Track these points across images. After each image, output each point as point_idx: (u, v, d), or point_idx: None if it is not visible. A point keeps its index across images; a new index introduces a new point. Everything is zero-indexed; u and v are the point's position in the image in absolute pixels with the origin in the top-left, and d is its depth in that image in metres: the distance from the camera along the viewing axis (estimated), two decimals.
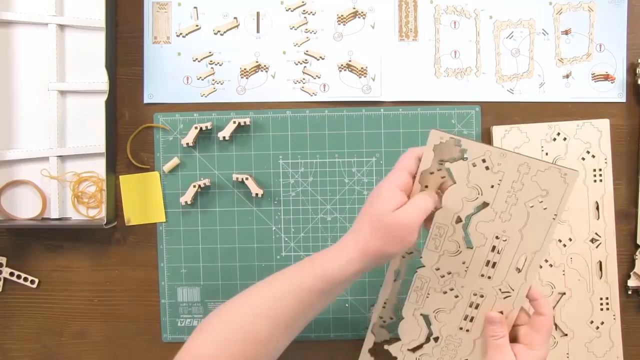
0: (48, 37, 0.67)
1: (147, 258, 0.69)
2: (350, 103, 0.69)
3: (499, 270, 0.53)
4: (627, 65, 0.69)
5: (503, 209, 0.52)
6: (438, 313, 0.56)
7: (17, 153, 0.68)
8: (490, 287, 0.54)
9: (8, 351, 0.70)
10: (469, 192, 0.52)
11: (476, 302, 0.54)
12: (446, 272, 0.54)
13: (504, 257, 0.53)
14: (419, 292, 0.55)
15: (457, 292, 0.55)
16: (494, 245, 0.53)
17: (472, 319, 0.55)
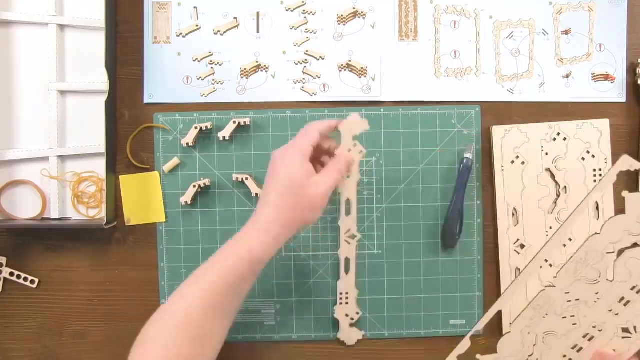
0: (48, 37, 0.67)
1: (147, 258, 0.69)
2: (350, 103, 0.69)
3: (630, 310, 0.52)
4: (627, 65, 0.69)
5: None
6: (548, 336, 0.54)
7: (17, 153, 0.68)
8: (614, 324, 0.52)
9: (8, 351, 0.70)
10: (635, 227, 0.50)
11: (592, 335, 0.53)
12: (574, 299, 0.53)
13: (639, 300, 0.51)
14: (538, 310, 0.54)
15: (577, 320, 0.53)
16: (635, 285, 0.51)
17: (581, 349, 0.54)
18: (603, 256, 0.51)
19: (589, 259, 0.52)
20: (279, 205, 0.52)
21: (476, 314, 0.69)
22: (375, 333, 0.69)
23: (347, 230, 0.66)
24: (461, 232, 0.68)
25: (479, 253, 0.69)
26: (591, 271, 0.52)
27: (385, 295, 0.69)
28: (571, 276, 0.53)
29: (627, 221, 0.51)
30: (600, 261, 0.52)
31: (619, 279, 0.52)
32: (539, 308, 0.54)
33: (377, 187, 0.68)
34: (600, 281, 0.52)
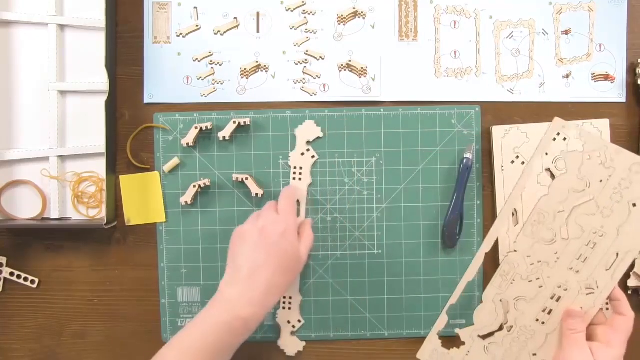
0: (48, 37, 0.67)
1: (147, 258, 0.69)
2: (350, 103, 0.69)
3: (588, 266, 0.54)
4: (627, 65, 0.69)
5: (606, 205, 0.53)
6: (518, 301, 0.56)
7: (17, 153, 0.68)
8: (576, 281, 0.54)
9: (8, 351, 0.70)
10: (578, 183, 0.53)
11: (558, 295, 0.55)
12: (536, 261, 0.55)
13: (596, 253, 0.54)
14: (505, 277, 0.56)
15: (542, 282, 0.55)
16: (589, 240, 0.54)
17: (551, 312, 0.56)
18: (555, 216, 0.54)
19: (543, 220, 0.54)
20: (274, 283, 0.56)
21: None
22: (376, 333, 0.69)
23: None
24: (461, 232, 0.68)
25: None
26: (547, 232, 0.54)
27: (385, 295, 0.69)
28: (529, 239, 0.55)
29: (570, 179, 0.53)
30: (553, 221, 0.54)
31: (573, 236, 0.54)
32: (505, 274, 0.57)
33: (377, 187, 0.68)
34: (557, 240, 0.54)
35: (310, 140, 0.68)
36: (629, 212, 0.52)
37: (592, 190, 0.53)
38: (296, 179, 0.68)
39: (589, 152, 0.53)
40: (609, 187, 0.53)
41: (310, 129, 0.68)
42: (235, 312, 0.54)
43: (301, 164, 0.68)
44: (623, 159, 0.52)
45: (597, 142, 0.52)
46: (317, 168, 0.69)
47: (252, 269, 0.56)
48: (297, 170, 0.68)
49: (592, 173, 0.53)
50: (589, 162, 0.53)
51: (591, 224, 0.53)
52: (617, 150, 0.52)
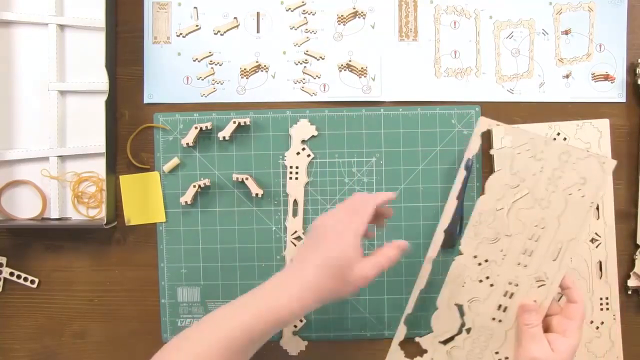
0: (48, 37, 0.67)
1: (147, 258, 0.69)
2: (350, 103, 0.69)
3: (535, 259, 0.54)
4: (627, 65, 0.69)
5: (543, 197, 0.53)
6: (472, 302, 0.56)
7: (17, 153, 0.68)
8: (526, 275, 0.55)
9: (8, 351, 0.70)
10: (511, 179, 0.53)
11: (511, 292, 0.55)
12: (484, 260, 0.55)
13: (540, 245, 0.54)
14: (456, 281, 0.56)
15: (493, 281, 0.55)
16: (532, 233, 0.54)
17: (506, 309, 0.56)
18: (495, 214, 0.54)
19: (483, 220, 0.55)
20: (319, 281, 0.51)
21: None
22: (376, 333, 0.69)
23: (294, 232, 0.67)
24: (461, 232, 0.68)
25: None
26: (489, 231, 0.55)
27: (385, 295, 0.69)
28: (473, 240, 0.56)
29: (503, 176, 0.53)
30: (494, 220, 0.54)
31: (516, 232, 0.54)
32: (455, 278, 0.57)
33: (377, 187, 0.68)
34: (500, 238, 0.55)
35: (305, 139, 0.68)
36: (566, 201, 0.53)
37: (527, 184, 0.53)
38: (292, 178, 0.68)
39: (518, 146, 0.53)
40: (542, 178, 0.53)
41: (304, 128, 0.68)
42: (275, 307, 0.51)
43: (297, 163, 0.68)
44: (552, 149, 0.52)
45: (524, 135, 0.52)
46: (317, 168, 0.69)
47: (301, 259, 0.53)
48: (293, 170, 0.68)
49: (524, 167, 0.53)
50: (519, 157, 0.53)
51: (531, 217, 0.54)
52: (545, 141, 0.52)
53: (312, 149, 0.68)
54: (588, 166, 0.52)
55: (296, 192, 0.68)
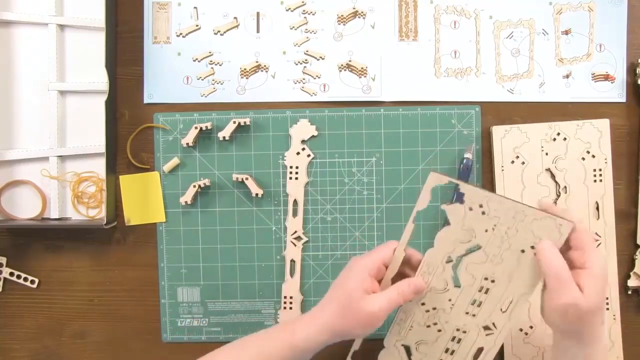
0: (48, 37, 0.67)
1: (147, 258, 0.69)
2: (350, 103, 0.69)
3: (484, 310, 0.54)
4: (627, 65, 0.69)
5: (495, 253, 0.52)
6: (420, 345, 0.56)
7: (17, 153, 0.68)
8: (474, 324, 0.54)
9: (8, 351, 0.70)
10: (463, 234, 0.52)
11: (458, 337, 0.55)
12: (431, 308, 0.55)
13: (490, 298, 0.53)
14: (402, 324, 0.56)
15: (441, 327, 0.55)
16: (482, 286, 0.53)
17: (453, 352, 0.56)
18: (444, 266, 0.53)
19: (432, 271, 0.54)
20: (331, 314, 0.53)
21: None
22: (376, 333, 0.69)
23: (294, 231, 0.67)
24: None
25: None
26: (438, 281, 0.54)
27: None
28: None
29: (454, 231, 0.52)
30: (443, 271, 0.54)
31: (465, 284, 0.53)
32: (402, 322, 0.56)
33: (377, 187, 0.68)
34: (449, 289, 0.54)
35: (305, 139, 0.68)
36: (519, 259, 0.51)
37: (479, 239, 0.52)
38: (292, 178, 0.68)
39: (470, 204, 0.51)
40: (495, 236, 0.51)
41: (304, 128, 0.68)
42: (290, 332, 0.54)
43: (297, 163, 0.68)
44: (506, 209, 0.50)
45: (478, 194, 0.51)
46: (317, 168, 0.69)
47: (327, 292, 0.55)
48: (293, 170, 0.68)
49: (476, 223, 0.52)
50: (471, 213, 0.51)
51: (482, 271, 0.53)
52: (499, 200, 0.51)
53: (312, 149, 0.68)
54: (544, 227, 0.50)
55: (296, 192, 0.68)
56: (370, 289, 0.52)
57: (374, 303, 0.52)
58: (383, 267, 0.54)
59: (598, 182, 0.67)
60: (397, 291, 0.53)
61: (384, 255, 0.54)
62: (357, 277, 0.52)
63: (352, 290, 0.52)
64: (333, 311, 0.53)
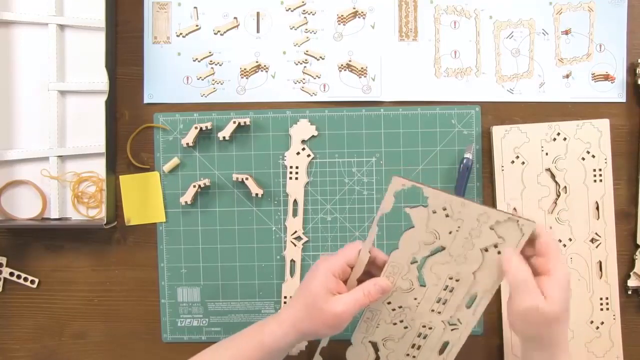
0: (48, 37, 0.67)
1: (147, 258, 0.69)
2: (350, 103, 0.69)
3: (449, 307, 0.55)
4: (627, 65, 0.69)
5: (459, 253, 0.53)
6: (386, 341, 0.57)
7: (17, 153, 0.68)
8: (440, 320, 0.55)
9: (8, 351, 0.70)
10: (427, 236, 0.53)
11: (424, 333, 0.56)
12: (397, 306, 0.56)
13: (455, 296, 0.54)
14: (369, 322, 0.57)
15: (407, 324, 0.56)
16: (446, 285, 0.54)
17: (419, 347, 0.57)
18: (409, 267, 0.54)
19: (397, 272, 0.54)
20: (297, 315, 0.53)
21: None
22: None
23: (294, 231, 0.67)
24: None
25: None
26: (403, 281, 0.55)
27: None
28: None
29: (418, 233, 0.53)
30: (408, 272, 0.54)
31: (430, 283, 0.54)
32: (369, 320, 0.57)
33: (377, 187, 0.68)
34: (415, 288, 0.55)
35: (305, 139, 0.68)
36: (483, 257, 0.52)
37: (443, 241, 0.53)
38: (292, 178, 0.68)
39: (434, 207, 0.52)
40: (459, 237, 0.52)
41: (304, 128, 0.68)
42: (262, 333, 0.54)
43: (297, 163, 0.68)
44: (469, 211, 0.51)
45: (441, 197, 0.51)
46: (317, 168, 0.69)
47: (291, 300, 0.55)
48: (292, 170, 0.68)
49: (440, 226, 0.52)
50: (435, 216, 0.52)
51: (446, 271, 0.53)
52: (462, 203, 0.51)
53: (312, 149, 0.68)
54: (507, 227, 0.51)
55: (296, 192, 0.68)
56: (335, 289, 0.52)
57: (339, 304, 0.51)
58: (348, 268, 0.54)
59: (598, 182, 0.67)
60: (363, 292, 0.53)
61: (349, 256, 0.54)
62: (322, 278, 0.52)
63: (317, 291, 0.52)
64: (299, 312, 0.53)
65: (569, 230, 0.67)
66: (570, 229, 0.67)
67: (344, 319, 0.52)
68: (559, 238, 0.67)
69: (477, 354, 0.69)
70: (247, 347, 0.54)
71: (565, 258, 0.53)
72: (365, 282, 0.54)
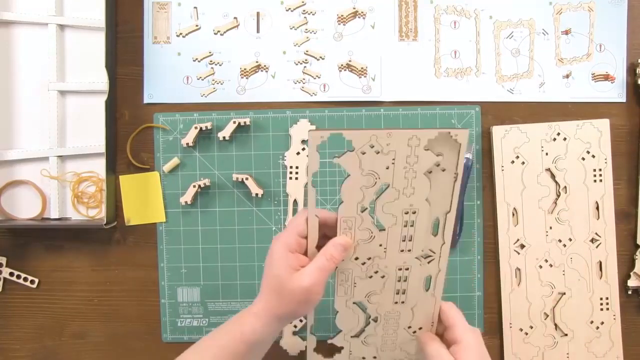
0: (48, 37, 0.67)
1: (147, 258, 0.69)
2: (350, 103, 0.69)
3: (417, 242, 0.53)
4: (627, 65, 0.69)
5: (404, 185, 0.50)
6: (370, 296, 0.55)
7: (17, 153, 0.68)
8: (413, 257, 0.53)
9: (8, 351, 0.70)
10: (366, 180, 0.50)
11: (404, 276, 0.54)
12: (366, 259, 0.53)
13: (418, 228, 0.52)
14: (345, 284, 0.55)
15: (383, 273, 0.54)
16: (405, 221, 0.52)
17: (404, 291, 0.55)
18: (361, 217, 0.52)
19: (350, 225, 0.52)
20: (270, 303, 0.52)
21: (476, 314, 0.69)
22: None
23: None
24: (461, 232, 0.68)
25: (479, 253, 0.69)
26: (361, 232, 0.52)
27: None
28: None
29: (356, 180, 0.50)
30: (362, 221, 0.52)
31: (388, 225, 0.52)
32: (344, 282, 0.54)
33: None
34: (375, 235, 0.52)
35: (305, 139, 0.68)
36: (429, 181, 0.50)
37: (384, 179, 0.50)
38: (292, 178, 0.68)
39: (360, 147, 0.49)
40: (398, 169, 0.49)
41: (305, 128, 0.68)
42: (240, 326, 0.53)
43: (297, 163, 0.68)
44: (397, 139, 0.48)
45: (364, 135, 0.48)
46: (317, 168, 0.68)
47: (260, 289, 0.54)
48: (292, 170, 0.68)
49: (375, 164, 0.49)
50: (365, 157, 0.49)
51: (399, 207, 0.51)
52: (386, 133, 0.48)
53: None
54: (441, 143, 0.48)
55: (296, 192, 0.68)
56: (296, 264, 0.51)
57: (305, 277, 0.50)
58: (303, 240, 0.52)
59: (598, 182, 0.67)
60: (325, 256, 0.51)
61: (299, 227, 0.52)
62: (280, 258, 0.51)
63: (279, 272, 0.50)
64: (271, 299, 0.51)
65: (569, 230, 0.67)
66: (570, 229, 0.67)
67: (314, 291, 0.50)
68: (559, 238, 0.67)
69: None
70: (230, 345, 0.52)
71: (472, 327, 0.54)
72: (324, 247, 0.52)
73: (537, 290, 0.68)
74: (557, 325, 0.68)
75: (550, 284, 0.68)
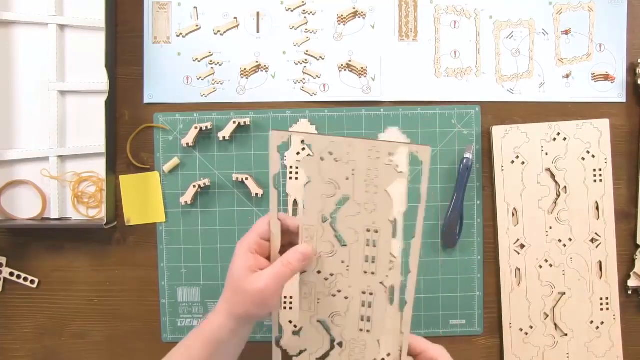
0: (48, 37, 0.67)
1: (147, 258, 0.69)
2: (350, 103, 0.69)
3: (380, 264, 0.50)
4: (627, 65, 0.69)
5: (366, 200, 0.49)
6: (334, 317, 0.53)
7: (17, 153, 0.68)
8: (376, 282, 0.51)
9: (8, 351, 0.70)
10: (326, 188, 0.49)
11: (368, 301, 0.52)
12: (329, 274, 0.52)
13: (380, 250, 0.50)
14: (309, 298, 0.53)
15: (346, 293, 0.52)
16: (367, 239, 0.50)
17: (369, 318, 0.52)
18: (323, 227, 0.50)
19: (312, 234, 0.50)
20: (228, 302, 0.52)
21: (476, 313, 0.69)
22: None
23: None
24: (461, 232, 0.68)
25: (479, 253, 0.69)
26: (323, 244, 0.51)
27: None
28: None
29: (316, 186, 0.49)
30: (324, 232, 0.50)
31: (350, 241, 0.50)
32: (308, 296, 0.53)
33: None
34: (337, 249, 0.51)
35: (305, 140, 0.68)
36: (391, 199, 0.48)
37: (344, 189, 0.48)
38: (292, 178, 0.68)
39: (320, 153, 0.47)
40: (358, 181, 0.48)
41: (304, 128, 0.68)
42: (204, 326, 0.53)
43: (297, 163, 0.68)
44: (357, 149, 0.46)
45: (323, 140, 0.47)
46: None
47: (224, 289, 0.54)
48: (292, 170, 0.68)
49: (334, 173, 0.48)
50: (325, 164, 0.47)
51: (360, 223, 0.49)
52: (345, 142, 0.46)
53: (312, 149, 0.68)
54: (403, 159, 0.47)
55: (296, 192, 0.68)
56: (255, 266, 0.51)
57: (260, 279, 0.50)
58: (265, 242, 0.52)
59: (598, 182, 0.67)
60: (282, 262, 0.50)
61: (261, 230, 0.52)
62: (240, 259, 0.51)
63: (238, 272, 0.51)
64: (230, 298, 0.52)
65: (569, 230, 0.67)
66: (570, 229, 0.67)
67: (267, 294, 0.50)
68: (559, 238, 0.67)
69: (477, 354, 0.69)
70: (194, 346, 0.52)
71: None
72: (286, 253, 0.51)
73: (537, 290, 0.68)
74: (557, 325, 0.68)
75: (550, 284, 0.68)
